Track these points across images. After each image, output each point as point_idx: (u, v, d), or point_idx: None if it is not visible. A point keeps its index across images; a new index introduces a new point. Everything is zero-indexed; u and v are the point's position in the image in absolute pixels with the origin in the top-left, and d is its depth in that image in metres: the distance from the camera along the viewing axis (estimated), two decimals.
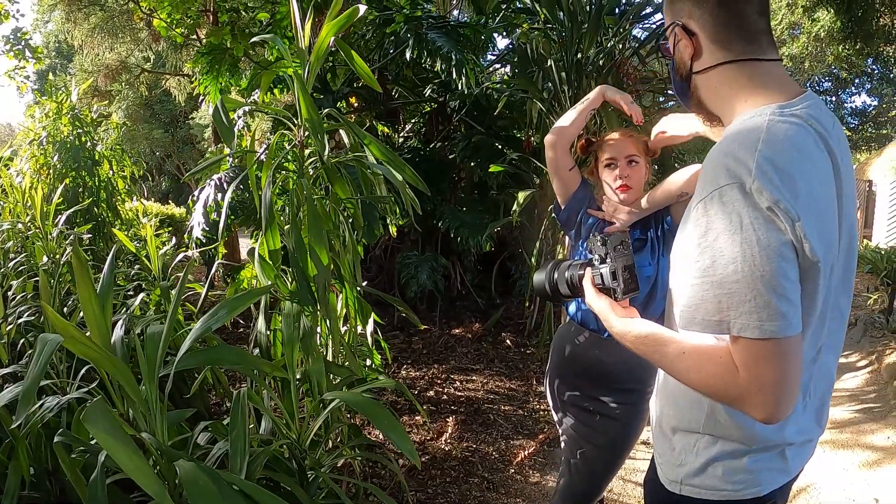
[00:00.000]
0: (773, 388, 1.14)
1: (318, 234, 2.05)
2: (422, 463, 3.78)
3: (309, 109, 2.13)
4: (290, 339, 2.01)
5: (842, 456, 4.43)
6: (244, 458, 1.65)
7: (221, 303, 1.72)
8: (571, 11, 5.22)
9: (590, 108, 2.39)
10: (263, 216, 2.11)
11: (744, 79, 1.31)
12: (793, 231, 1.12)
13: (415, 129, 7.64)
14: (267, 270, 2.22)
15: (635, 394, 2.42)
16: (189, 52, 11.26)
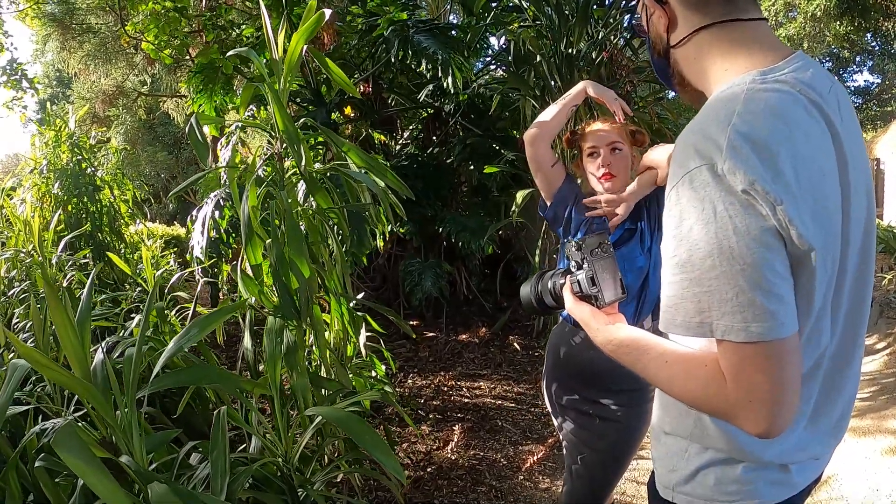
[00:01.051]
0: (766, 399, 0.99)
1: (298, 246, 2.01)
2: (428, 473, 3.72)
3: (284, 120, 2.09)
4: (272, 354, 1.96)
5: (864, 444, 4.32)
6: (225, 478, 1.61)
7: (194, 321, 1.68)
8: (558, 5, 5.17)
9: (572, 104, 2.32)
10: (243, 230, 2.07)
11: (724, 44, 1.16)
12: (775, 216, 0.97)
13: (412, 135, 7.60)
14: (250, 286, 2.18)
15: (635, 395, 2.33)
16: (183, 72, 11.31)
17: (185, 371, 1.92)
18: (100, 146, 7.05)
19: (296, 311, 2.08)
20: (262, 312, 2.32)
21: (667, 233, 1.10)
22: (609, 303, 1.39)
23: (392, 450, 3.54)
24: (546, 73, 5.26)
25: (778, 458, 1.23)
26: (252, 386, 1.92)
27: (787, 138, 1.01)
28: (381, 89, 6.78)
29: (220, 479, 1.60)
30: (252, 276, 2.18)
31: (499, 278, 6.98)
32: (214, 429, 1.68)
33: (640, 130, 2.36)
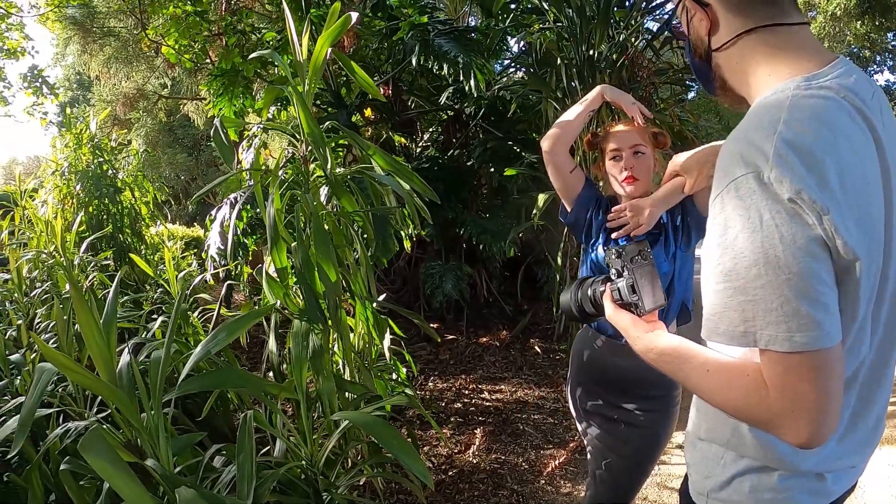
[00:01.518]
0: (810, 410, 0.97)
1: (325, 249, 2.00)
2: (450, 476, 3.71)
3: (309, 123, 2.09)
4: (298, 358, 1.96)
5: (886, 451, 4.27)
6: (251, 483, 1.61)
7: (221, 326, 1.67)
8: (579, 7, 5.14)
9: (589, 110, 2.31)
10: (269, 234, 2.06)
11: (767, 49, 1.14)
12: (821, 225, 0.95)
13: (432, 137, 7.59)
14: (275, 289, 2.18)
15: (660, 400, 2.32)
16: (203, 75, 11.35)
17: (211, 374, 1.92)
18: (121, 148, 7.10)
19: (322, 314, 2.08)
20: (286, 315, 2.31)
21: (711, 241, 1.08)
22: (649, 310, 1.38)
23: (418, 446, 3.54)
24: (566, 75, 5.23)
25: (815, 468, 1.21)
26: (278, 390, 1.92)
27: (832, 146, 0.99)
28: (400, 92, 6.78)
29: (247, 483, 1.59)
30: (277, 279, 2.17)
31: (519, 281, 6.95)
32: (241, 432, 1.67)
33: (662, 133, 2.33)
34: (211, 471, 2.00)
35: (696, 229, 2.24)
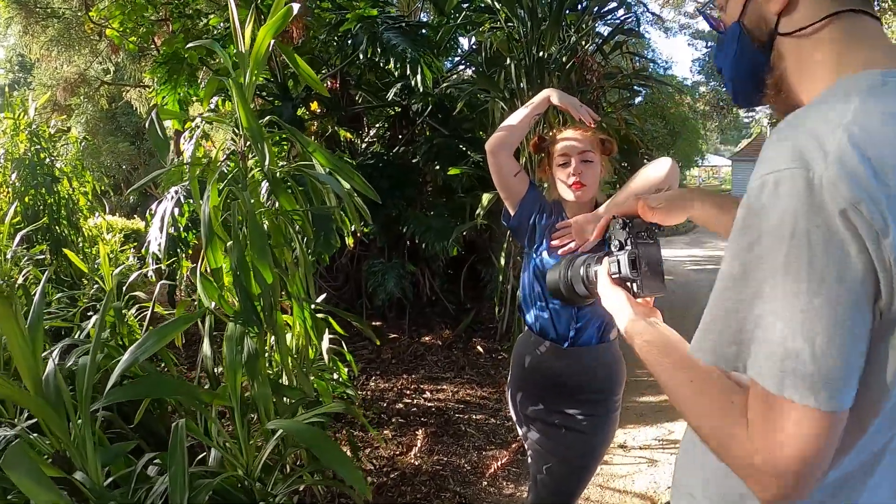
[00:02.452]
0: (788, 467, 0.81)
1: (261, 249, 1.92)
2: (391, 479, 3.66)
3: (248, 117, 2.00)
4: (232, 363, 1.87)
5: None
6: (184, 494, 1.53)
7: (150, 332, 1.59)
8: (531, 9, 5.13)
9: (535, 113, 2.28)
10: (203, 232, 1.98)
11: (846, 38, 0.94)
12: (876, 249, 0.76)
13: (378, 133, 7.51)
14: (209, 290, 2.09)
15: (601, 405, 2.32)
16: (147, 62, 11.00)
17: (139, 383, 1.83)
18: (59, 135, 6.83)
19: (257, 317, 1.99)
20: (221, 317, 2.22)
21: (730, 238, 0.90)
22: (647, 294, 1.26)
23: (356, 455, 3.48)
24: (515, 75, 5.21)
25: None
26: (211, 397, 1.84)
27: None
28: (348, 86, 6.69)
29: (180, 494, 1.52)
30: (212, 280, 2.08)
31: (462, 280, 6.94)
32: (172, 442, 1.60)
33: (609, 139, 2.32)
34: (145, 480, 1.91)
35: None
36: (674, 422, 4.86)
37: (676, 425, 4.80)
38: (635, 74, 6.49)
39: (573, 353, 2.27)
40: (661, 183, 2.06)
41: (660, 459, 4.25)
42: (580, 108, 2.24)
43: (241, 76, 2.16)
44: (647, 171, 2.10)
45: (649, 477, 4.01)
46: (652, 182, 2.07)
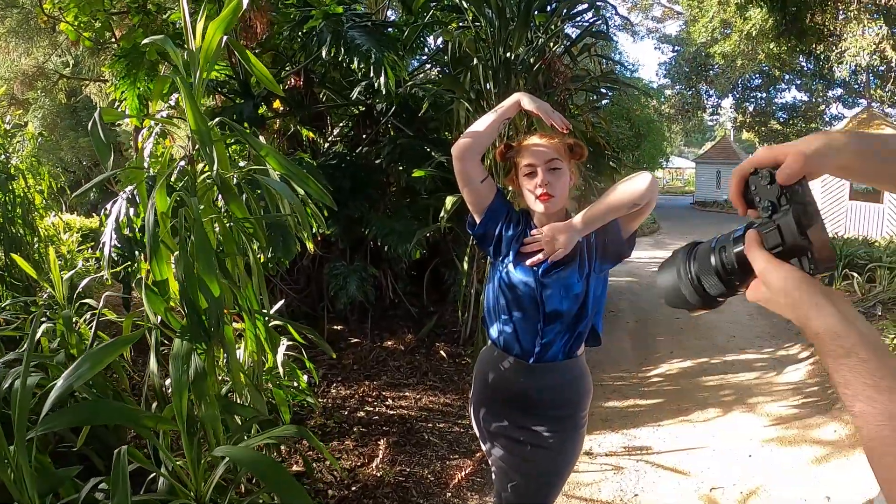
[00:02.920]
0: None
1: (207, 260, 1.79)
2: (353, 492, 3.55)
3: (196, 118, 1.87)
4: (178, 383, 1.74)
5: (790, 454, 4.43)
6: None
7: (84, 355, 1.46)
8: (500, 8, 5.04)
9: (503, 118, 2.16)
10: (148, 241, 1.84)
11: None
12: None
13: (342, 133, 7.38)
14: (155, 304, 1.95)
15: (568, 420, 2.25)
16: (107, 55, 10.66)
17: (77, 409, 1.70)
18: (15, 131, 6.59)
19: (204, 332, 1.86)
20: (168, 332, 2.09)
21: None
22: (822, 269, 0.89)
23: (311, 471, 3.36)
24: (482, 76, 5.12)
25: None
26: (155, 421, 1.71)
27: None
28: (312, 84, 6.54)
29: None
30: (157, 292, 1.95)
31: (425, 283, 6.86)
32: (115, 471, 1.47)
33: (578, 143, 2.21)
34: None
35: (613, 251, 2.15)
36: (639, 427, 4.86)
37: (641, 431, 4.80)
38: (603, 77, 6.45)
39: (539, 370, 2.18)
40: (639, 198, 1.98)
41: (626, 466, 4.22)
42: (552, 113, 2.14)
43: (192, 74, 2.03)
44: (626, 186, 2.01)
45: (615, 485, 3.98)
46: (631, 197, 1.99)
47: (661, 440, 4.66)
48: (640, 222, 2.17)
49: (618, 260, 2.20)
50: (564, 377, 2.21)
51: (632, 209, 2.01)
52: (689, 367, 6.48)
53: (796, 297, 0.85)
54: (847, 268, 9.15)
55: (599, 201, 2.05)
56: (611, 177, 6.11)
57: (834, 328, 0.80)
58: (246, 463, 1.54)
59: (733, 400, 5.52)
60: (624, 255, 2.18)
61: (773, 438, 4.69)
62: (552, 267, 2.11)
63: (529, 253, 2.13)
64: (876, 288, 8.21)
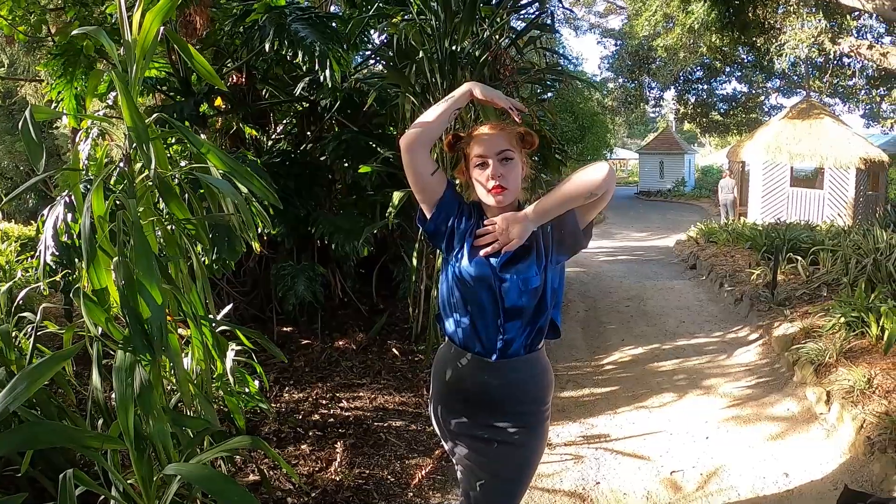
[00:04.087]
0: None
1: (147, 265, 1.68)
2: (312, 499, 3.46)
3: (132, 114, 1.75)
4: (122, 397, 1.63)
5: (746, 433, 4.58)
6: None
7: (19, 375, 1.35)
8: (445, 1, 4.99)
9: (454, 108, 2.09)
10: (84, 247, 1.73)
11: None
12: None
13: (286, 130, 7.26)
14: (95, 314, 1.83)
15: (532, 415, 2.21)
16: (42, 54, 10.27)
17: (15, 433, 1.57)
18: None
19: (148, 342, 1.75)
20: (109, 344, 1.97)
21: None
22: None
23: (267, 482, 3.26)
24: (428, 70, 5.06)
25: None
26: (100, 441, 1.60)
27: None
28: (254, 80, 6.40)
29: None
30: (97, 302, 1.83)
31: (374, 280, 6.81)
32: (61, 497, 1.37)
33: (529, 132, 2.15)
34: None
35: (570, 242, 2.11)
36: (596, 416, 4.90)
37: (599, 419, 4.84)
38: (549, 70, 6.46)
39: (500, 366, 2.13)
40: (596, 188, 1.95)
41: (585, 455, 4.25)
42: (506, 100, 2.08)
43: (128, 68, 1.91)
44: (583, 175, 1.98)
45: (577, 474, 4.01)
46: (588, 187, 1.95)
47: (619, 427, 4.70)
48: (598, 213, 2.14)
49: (575, 251, 2.16)
50: (528, 373, 2.17)
51: (588, 199, 1.98)
52: (642, 354, 6.58)
53: None
54: (791, 251, 9.37)
55: (555, 191, 2.01)
56: (557, 169, 6.14)
57: None
58: (199, 480, 1.45)
59: (687, 384, 5.61)
60: (581, 246, 2.14)
61: (729, 419, 4.80)
62: (509, 261, 2.06)
63: (483, 246, 2.07)
64: (820, 270, 8.42)
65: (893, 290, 6.55)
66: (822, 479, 3.84)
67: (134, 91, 1.83)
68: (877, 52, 13.86)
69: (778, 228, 11.79)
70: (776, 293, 7.82)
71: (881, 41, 18.18)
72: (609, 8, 39.32)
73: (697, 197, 31.58)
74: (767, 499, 3.69)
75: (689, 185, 35.41)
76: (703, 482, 3.88)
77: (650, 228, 21.03)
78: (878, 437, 3.95)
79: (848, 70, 22.27)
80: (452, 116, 2.14)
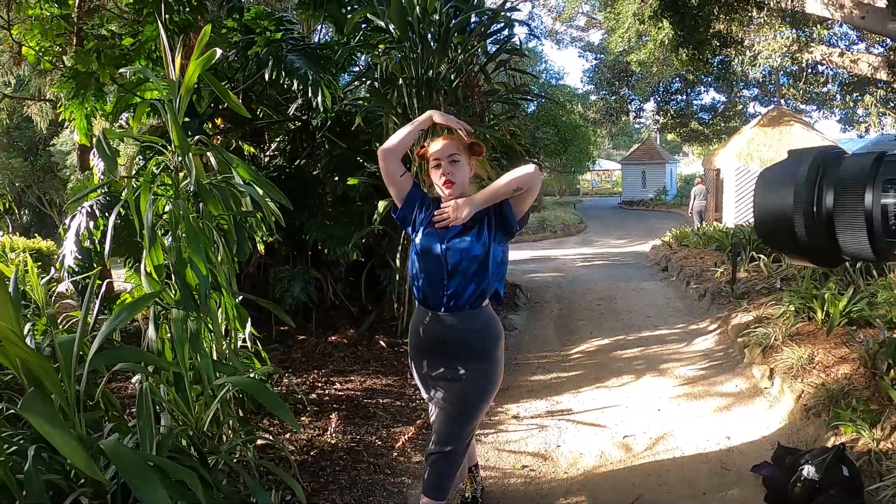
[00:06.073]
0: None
1: (196, 247, 2.35)
2: (311, 456, 4.05)
3: (180, 137, 2.42)
4: (180, 339, 2.29)
5: (696, 406, 5.12)
6: (153, 442, 1.93)
7: (122, 307, 1.99)
8: (422, 35, 5.64)
9: (418, 129, 2.85)
10: (146, 236, 2.38)
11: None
12: None
13: (280, 147, 7.83)
14: (153, 285, 2.49)
15: (485, 359, 2.88)
16: (53, 76, 10.71)
17: (113, 352, 2.21)
18: None
19: (195, 303, 2.42)
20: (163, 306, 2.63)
21: None
22: None
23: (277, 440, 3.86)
24: (406, 94, 5.70)
25: None
26: (167, 364, 2.25)
27: None
28: (251, 101, 6.97)
29: (149, 442, 1.92)
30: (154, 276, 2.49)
31: (363, 283, 7.37)
32: (139, 400, 2.00)
33: (477, 143, 2.93)
34: None
35: (506, 226, 2.80)
36: (561, 395, 5.49)
37: (563, 397, 5.43)
38: (516, 90, 7.07)
39: (449, 319, 2.81)
40: (521, 183, 2.65)
41: (549, 425, 4.84)
42: (458, 123, 2.80)
43: (173, 99, 2.57)
44: (512, 173, 2.71)
45: (540, 440, 4.59)
46: (515, 181, 2.67)
47: (581, 403, 5.30)
48: (529, 204, 2.84)
49: (510, 234, 2.87)
50: (472, 324, 2.84)
51: (517, 192, 2.67)
52: (607, 344, 7.20)
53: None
54: (756, 251, 10.00)
55: (493, 184, 2.74)
56: None
57: None
58: (243, 385, 2.09)
59: (646, 367, 6.23)
60: (514, 230, 2.85)
61: (681, 395, 5.38)
62: (458, 234, 2.74)
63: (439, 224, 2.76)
64: (781, 267, 8.97)
65: (846, 280, 7.12)
66: (762, 440, 4.40)
67: (180, 118, 2.49)
68: (847, 59, 14.33)
69: (744, 230, 12.33)
70: (735, 288, 8.44)
71: (854, 48, 18.80)
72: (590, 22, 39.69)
73: (678, 205, 32.05)
74: (709, 456, 4.24)
75: (671, 194, 36.05)
76: (651, 444, 4.45)
77: (629, 235, 21.55)
78: (813, 404, 4.51)
79: (822, 77, 22.75)
80: (417, 135, 2.87)
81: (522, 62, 18.48)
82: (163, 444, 2.08)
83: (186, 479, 1.73)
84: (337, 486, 3.74)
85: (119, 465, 1.60)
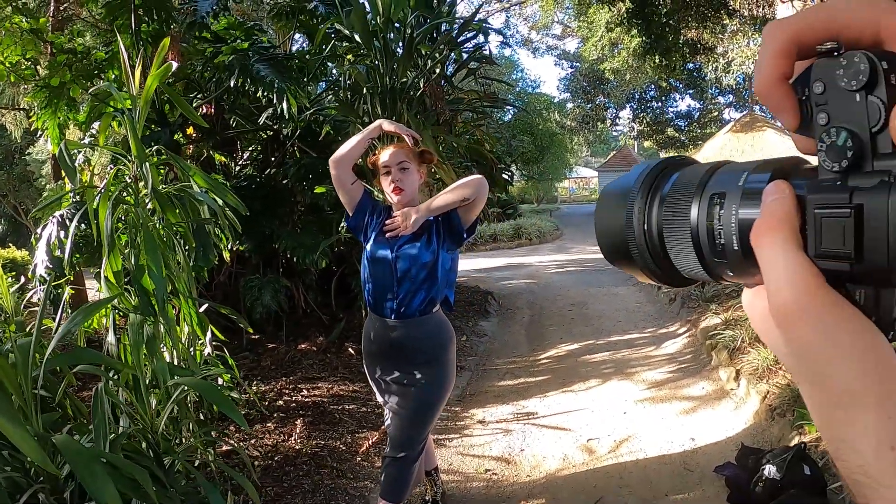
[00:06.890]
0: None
1: (154, 254, 2.42)
2: (276, 461, 4.12)
3: (138, 148, 2.50)
4: (136, 342, 2.36)
5: (661, 409, 5.20)
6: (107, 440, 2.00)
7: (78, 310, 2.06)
8: (385, 44, 5.74)
9: (368, 138, 2.90)
10: (105, 243, 2.45)
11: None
12: None
13: (251, 156, 7.88)
14: (112, 289, 2.56)
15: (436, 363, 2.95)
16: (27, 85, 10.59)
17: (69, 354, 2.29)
18: None
19: (152, 308, 2.49)
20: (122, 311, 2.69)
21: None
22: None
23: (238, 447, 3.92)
24: (371, 103, 5.79)
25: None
26: (122, 366, 2.31)
27: None
28: (223, 111, 7.02)
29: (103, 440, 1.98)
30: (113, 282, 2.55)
31: (333, 291, 7.43)
32: (94, 401, 2.06)
33: (427, 150, 3.02)
34: None
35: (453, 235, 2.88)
36: (527, 399, 5.58)
37: (529, 402, 5.52)
38: (485, 97, 7.18)
39: (399, 326, 2.88)
40: (468, 194, 2.72)
41: (514, 429, 4.91)
42: (406, 131, 2.87)
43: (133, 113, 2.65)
44: (459, 184, 2.77)
45: (505, 443, 4.66)
46: (462, 192, 2.74)
47: (547, 407, 5.38)
48: (477, 213, 2.90)
49: (458, 242, 2.93)
50: (422, 330, 2.91)
51: (464, 202, 2.74)
52: (576, 349, 7.29)
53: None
54: None
55: (441, 193, 2.81)
56: (504, 187, 6.82)
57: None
58: (195, 385, 2.16)
59: (613, 371, 6.31)
60: (462, 238, 2.91)
61: (646, 398, 5.47)
62: (406, 241, 2.81)
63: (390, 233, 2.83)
64: None
65: None
66: (726, 441, 4.47)
67: (139, 129, 2.57)
68: None
69: None
70: (704, 291, 8.54)
71: None
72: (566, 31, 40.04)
73: None
74: (673, 457, 4.32)
75: None
76: (615, 447, 4.53)
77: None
78: (778, 404, 4.58)
79: None
80: (367, 143, 2.94)
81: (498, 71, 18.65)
82: (116, 443, 2.14)
83: (138, 475, 1.80)
84: (300, 490, 3.81)
85: (70, 459, 1.67)
